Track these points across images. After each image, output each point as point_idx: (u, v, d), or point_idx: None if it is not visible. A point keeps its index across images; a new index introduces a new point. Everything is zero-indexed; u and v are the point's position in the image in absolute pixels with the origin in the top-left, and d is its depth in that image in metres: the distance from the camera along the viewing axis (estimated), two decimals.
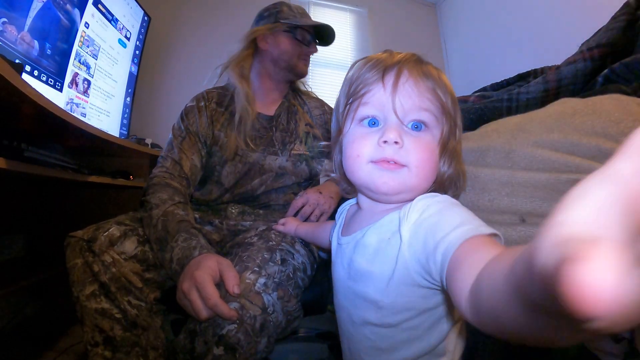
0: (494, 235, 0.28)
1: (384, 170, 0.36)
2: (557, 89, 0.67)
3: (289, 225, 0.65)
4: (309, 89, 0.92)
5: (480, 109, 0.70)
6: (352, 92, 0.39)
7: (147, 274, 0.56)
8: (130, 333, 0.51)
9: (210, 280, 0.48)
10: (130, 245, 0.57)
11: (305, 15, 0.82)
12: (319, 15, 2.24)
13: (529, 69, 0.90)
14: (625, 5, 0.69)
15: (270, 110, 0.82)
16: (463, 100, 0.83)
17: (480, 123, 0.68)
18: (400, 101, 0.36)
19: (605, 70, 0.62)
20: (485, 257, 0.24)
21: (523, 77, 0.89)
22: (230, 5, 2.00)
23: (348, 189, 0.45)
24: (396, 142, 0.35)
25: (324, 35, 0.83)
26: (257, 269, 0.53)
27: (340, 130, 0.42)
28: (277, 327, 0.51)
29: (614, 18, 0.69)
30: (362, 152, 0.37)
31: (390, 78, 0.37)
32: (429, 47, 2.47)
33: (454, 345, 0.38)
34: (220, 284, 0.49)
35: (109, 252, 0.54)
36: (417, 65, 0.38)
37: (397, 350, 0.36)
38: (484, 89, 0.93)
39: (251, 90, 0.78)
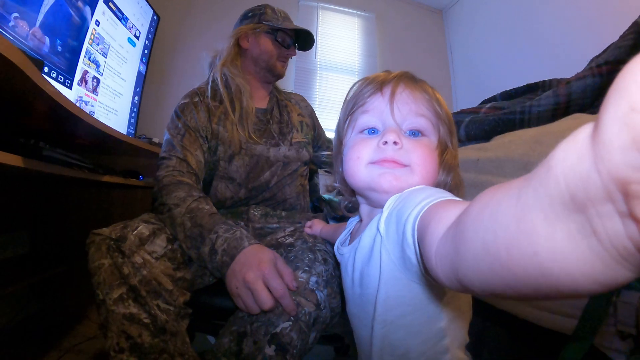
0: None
1: (385, 168, 0.36)
2: (567, 103, 0.69)
3: (315, 227, 0.68)
4: (317, 92, 0.95)
5: (495, 121, 0.71)
6: (353, 105, 0.41)
7: (178, 272, 0.55)
8: (159, 339, 0.48)
9: (277, 272, 0.49)
10: (160, 243, 0.55)
11: (288, 19, 0.85)
12: (327, 19, 2.25)
13: (535, 78, 0.92)
14: (634, 24, 0.71)
15: (263, 104, 0.85)
16: (474, 111, 0.85)
17: (493, 134, 0.70)
18: (398, 107, 0.38)
19: None
20: (454, 210, 0.22)
21: (532, 88, 0.91)
22: (239, 7, 1.99)
23: (350, 205, 0.46)
24: (395, 143, 0.36)
25: (304, 39, 0.87)
26: (307, 268, 0.55)
27: (341, 142, 0.43)
28: (324, 323, 0.53)
29: (622, 37, 0.72)
30: (362, 154, 0.38)
31: (388, 88, 0.39)
32: (435, 53, 2.49)
33: (459, 342, 0.38)
34: None
35: (139, 252, 0.52)
36: (413, 80, 0.41)
37: (398, 347, 0.37)
38: (493, 99, 0.95)
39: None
